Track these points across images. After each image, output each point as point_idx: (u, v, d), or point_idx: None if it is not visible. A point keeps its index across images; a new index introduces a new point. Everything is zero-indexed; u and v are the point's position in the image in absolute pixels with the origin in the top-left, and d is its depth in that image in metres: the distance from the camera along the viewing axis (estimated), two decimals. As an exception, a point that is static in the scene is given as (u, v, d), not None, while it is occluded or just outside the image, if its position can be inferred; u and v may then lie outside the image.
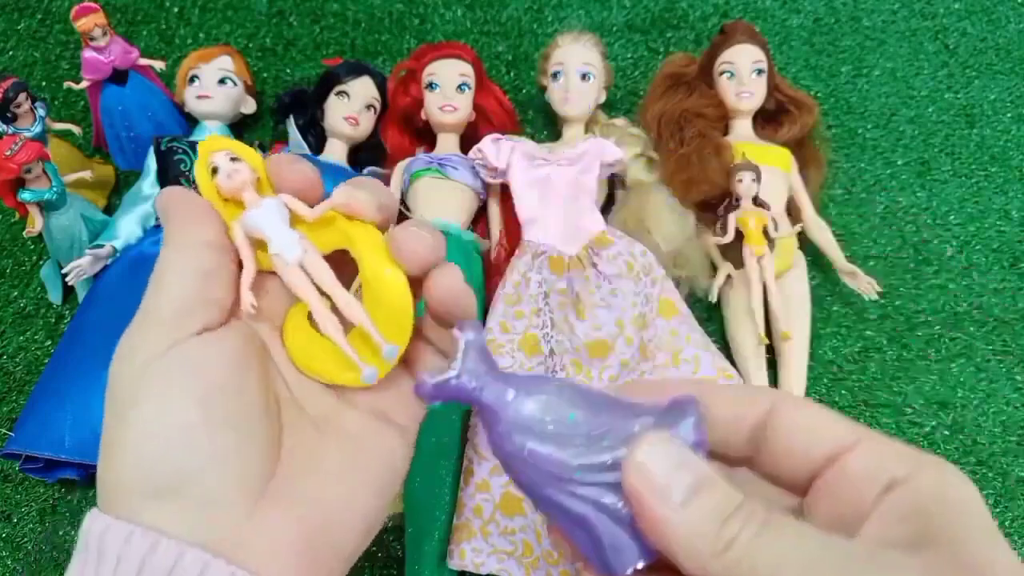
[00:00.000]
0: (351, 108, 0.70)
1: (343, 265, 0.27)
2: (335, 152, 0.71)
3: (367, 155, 0.74)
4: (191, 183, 0.68)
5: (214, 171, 0.26)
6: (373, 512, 0.25)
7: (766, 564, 0.18)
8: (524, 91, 0.83)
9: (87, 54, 0.70)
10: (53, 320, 0.69)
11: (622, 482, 0.20)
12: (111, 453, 0.22)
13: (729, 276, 0.66)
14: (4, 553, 0.59)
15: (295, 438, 0.24)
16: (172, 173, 0.68)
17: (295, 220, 0.27)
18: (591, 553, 0.21)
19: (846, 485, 0.20)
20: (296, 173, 0.27)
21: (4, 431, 0.63)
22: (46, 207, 0.64)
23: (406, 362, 0.27)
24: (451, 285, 0.25)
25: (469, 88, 0.71)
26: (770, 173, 0.68)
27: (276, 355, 0.26)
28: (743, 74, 0.71)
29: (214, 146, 0.27)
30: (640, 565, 0.21)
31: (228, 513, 0.22)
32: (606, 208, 0.71)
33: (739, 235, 0.65)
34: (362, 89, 0.71)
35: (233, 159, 0.26)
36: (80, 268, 0.63)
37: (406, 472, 0.27)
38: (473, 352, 0.23)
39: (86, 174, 0.68)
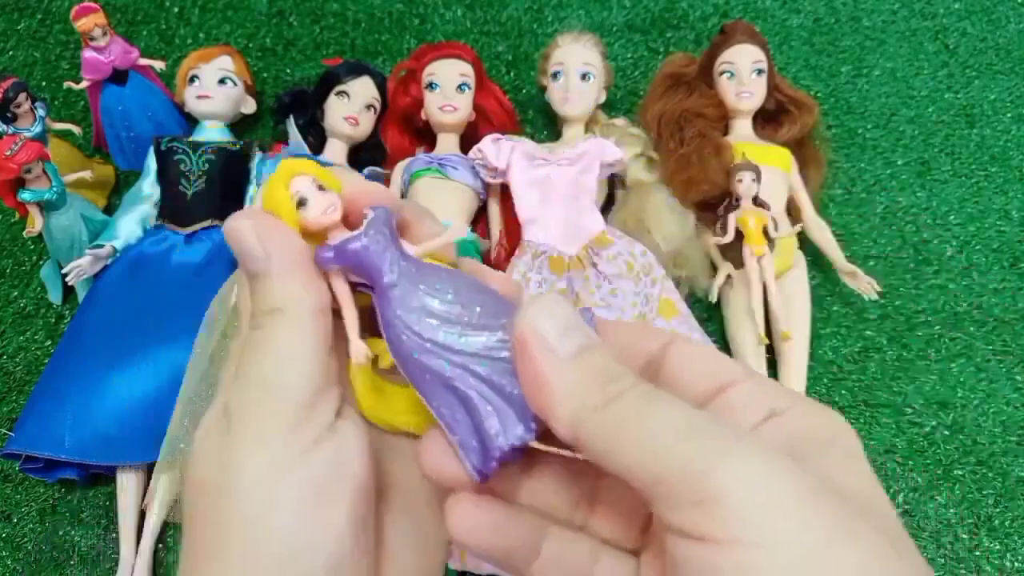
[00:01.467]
0: (351, 108, 0.70)
1: None
2: (335, 152, 0.71)
3: (367, 155, 0.74)
4: (191, 183, 0.68)
5: (301, 202, 0.22)
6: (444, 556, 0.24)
7: (645, 425, 0.18)
8: (524, 91, 0.83)
9: (87, 54, 0.70)
10: (53, 320, 0.69)
11: (511, 335, 0.20)
12: (240, 570, 0.19)
13: (729, 276, 0.66)
14: (4, 553, 0.59)
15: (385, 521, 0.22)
16: (172, 173, 0.68)
17: None
18: (467, 437, 0.21)
19: (729, 414, 0.20)
20: (382, 199, 0.23)
21: (4, 431, 0.63)
22: (46, 207, 0.64)
23: None
24: None
25: (469, 88, 0.71)
26: (770, 173, 0.68)
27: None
28: (743, 74, 0.71)
29: (297, 169, 0.23)
30: (517, 442, 0.20)
31: None
32: (606, 208, 0.71)
33: (739, 235, 0.65)
34: (362, 89, 0.71)
35: (320, 188, 0.22)
36: (80, 268, 0.63)
37: None
38: (378, 223, 0.22)
39: (86, 174, 0.68)
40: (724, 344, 0.66)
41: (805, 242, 0.70)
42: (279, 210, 0.22)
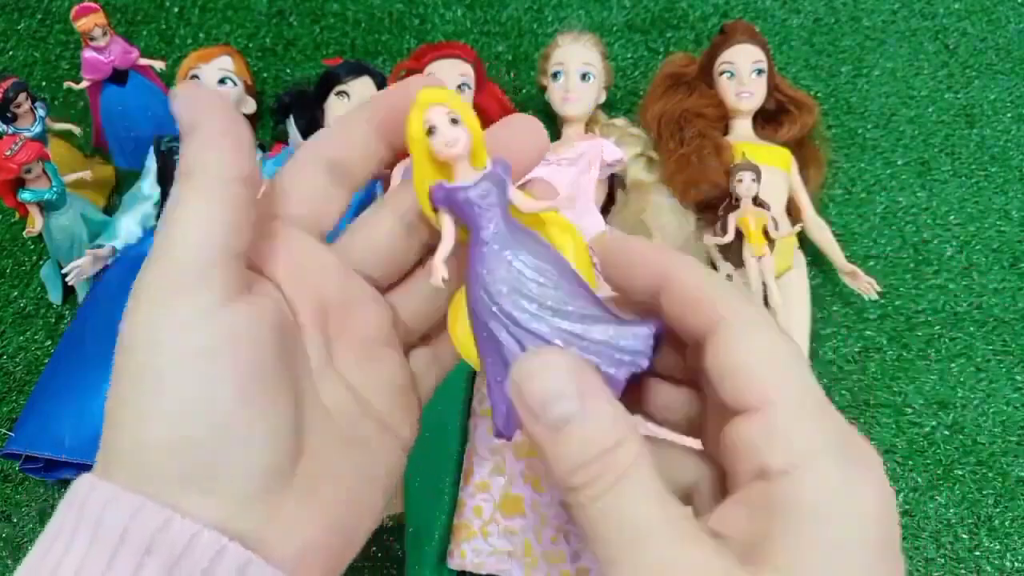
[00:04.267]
0: (351, 108, 0.70)
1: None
2: (335, 152, 0.71)
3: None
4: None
5: (430, 130, 0.23)
6: (377, 515, 0.24)
7: (595, 524, 0.19)
8: (524, 91, 0.83)
9: (87, 54, 0.70)
10: (53, 320, 0.69)
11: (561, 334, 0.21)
12: (135, 426, 0.19)
13: (729, 276, 0.66)
14: (4, 553, 0.59)
15: (315, 427, 0.22)
16: (172, 173, 0.68)
17: None
18: (498, 401, 0.22)
19: (730, 450, 0.20)
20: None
21: (4, 431, 0.63)
22: (46, 207, 0.64)
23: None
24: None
25: (469, 88, 0.71)
26: (770, 173, 0.68)
27: (313, 339, 0.23)
28: (743, 74, 0.71)
29: (435, 98, 0.23)
30: None
31: (255, 509, 0.20)
32: (606, 208, 0.71)
33: (739, 235, 0.65)
34: (362, 89, 0.71)
35: (454, 121, 0.23)
36: (80, 268, 0.63)
37: (399, 481, 0.26)
38: (492, 178, 0.23)
39: (86, 174, 0.68)
40: (724, 344, 0.66)
41: (805, 242, 0.70)
42: (412, 136, 0.23)
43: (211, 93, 0.22)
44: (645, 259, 0.23)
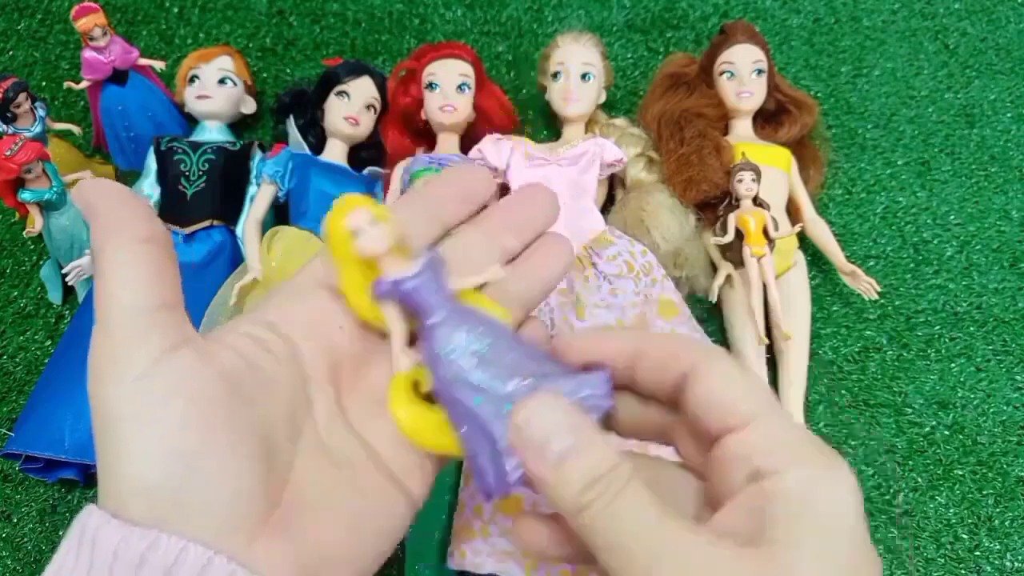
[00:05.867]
0: (351, 108, 0.70)
1: None
2: (335, 152, 0.71)
3: (367, 155, 0.74)
4: (191, 183, 0.68)
5: (354, 232, 0.24)
6: (372, 562, 0.25)
7: (607, 533, 0.21)
8: (524, 91, 0.83)
9: (87, 54, 0.70)
10: (53, 320, 0.69)
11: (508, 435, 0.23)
12: (107, 477, 0.21)
13: (729, 276, 0.66)
14: (4, 553, 0.59)
15: (310, 471, 0.24)
16: (172, 173, 0.68)
17: None
18: (485, 464, 0.24)
19: (722, 465, 0.22)
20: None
21: (4, 431, 0.63)
22: (46, 207, 0.64)
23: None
24: None
25: (469, 88, 0.71)
26: (770, 173, 0.68)
27: (322, 389, 0.25)
28: (743, 74, 0.71)
29: (352, 204, 0.25)
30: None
31: (232, 539, 0.21)
32: (606, 208, 0.71)
33: (739, 235, 0.65)
34: (362, 89, 0.71)
35: (373, 221, 0.25)
36: (80, 268, 0.63)
37: (401, 538, 0.27)
38: (430, 265, 0.25)
39: (86, 174, 0.68)
40: (724, 344, 0.66)
41: (805, 242, 0.70)
42: (337, 238, 0.25)
43: (99, 180, 0.24)
44: (608, 346, 0.25)
